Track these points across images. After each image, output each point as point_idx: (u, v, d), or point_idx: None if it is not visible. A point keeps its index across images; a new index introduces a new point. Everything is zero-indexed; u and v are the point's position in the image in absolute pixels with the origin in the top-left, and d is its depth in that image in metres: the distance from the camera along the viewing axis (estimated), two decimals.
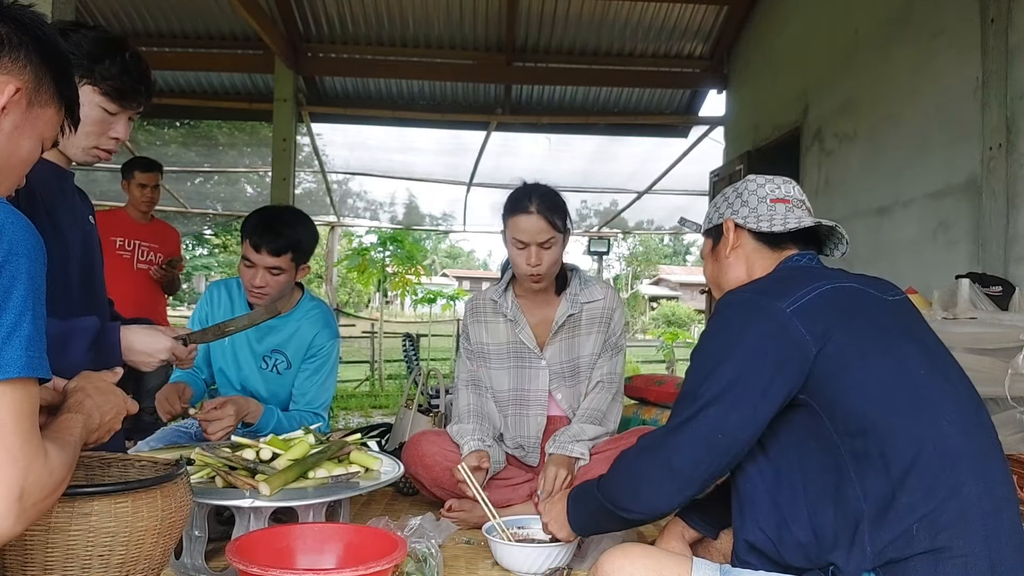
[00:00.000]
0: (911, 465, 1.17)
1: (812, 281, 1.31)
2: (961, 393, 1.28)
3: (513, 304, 2.45)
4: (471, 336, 2.50)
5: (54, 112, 1.11)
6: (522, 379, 2.43)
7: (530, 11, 6.57)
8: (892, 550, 1.16)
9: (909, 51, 4.11)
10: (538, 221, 2.24)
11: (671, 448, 1.32)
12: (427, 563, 1.65)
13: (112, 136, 1.73)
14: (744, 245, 1.51)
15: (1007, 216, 3.32)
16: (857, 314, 1.29)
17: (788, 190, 1.53)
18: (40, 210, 1.67)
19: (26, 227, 0.92)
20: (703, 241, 1.64)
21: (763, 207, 1.50)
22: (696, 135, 7.74)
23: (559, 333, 2.41)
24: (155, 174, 4.30)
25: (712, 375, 1.30)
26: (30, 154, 1.09)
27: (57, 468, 0.95)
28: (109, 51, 1.66)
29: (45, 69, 1.07)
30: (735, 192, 1.56)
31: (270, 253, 2.28)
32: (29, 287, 0.90)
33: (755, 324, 1.28)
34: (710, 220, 1.60)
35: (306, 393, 2.45)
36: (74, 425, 1.11)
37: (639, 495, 1.37)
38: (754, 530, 1.31)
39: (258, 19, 5.49)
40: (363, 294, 24.23)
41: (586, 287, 2.45)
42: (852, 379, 1.23)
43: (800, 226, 1.45)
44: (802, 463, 1.27)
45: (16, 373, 0.87)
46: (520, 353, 2.44)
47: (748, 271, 1.50)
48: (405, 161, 8.88)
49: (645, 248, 32.41)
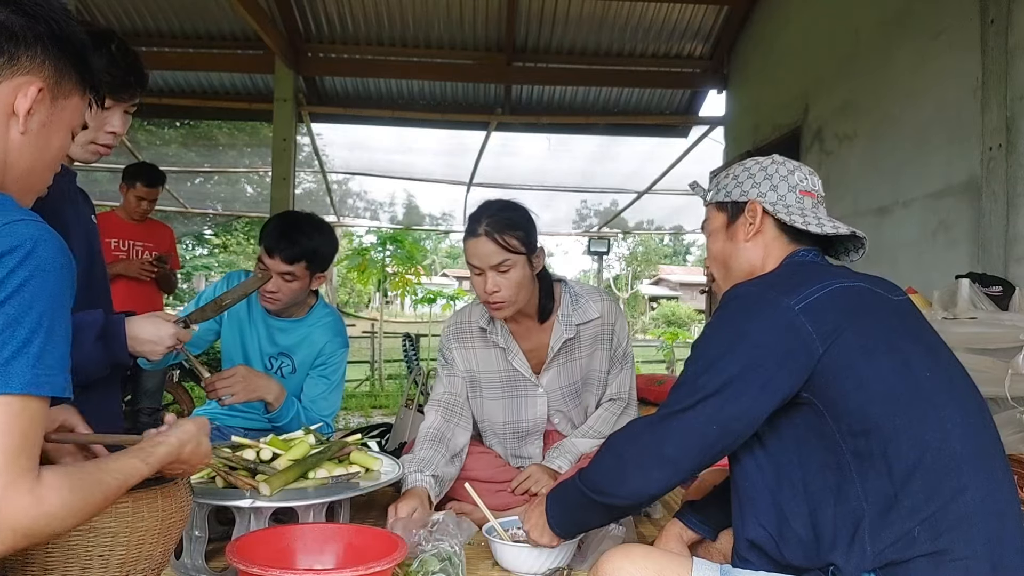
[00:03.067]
0: (914, 467, 1.17)
1: (821, 278, 1.30)
2: (965, 395, 1.27)
3: (503, 330, 2.29)
4: (458, 362, 2.33)
5: (78, 99, 1.08)
6: (517, 410, 2.32)
7: (530, 11, 6.57)
8: (893, 551, 1.16)
9: (909, 51, 4.11)
10: (486, 244, 2.06)
11: (664, 435, 1.31)
12: (451, 562, 1.61)
13: (108, 130, 1.72)
14: (766, 232, 1.44)
15: (1007, 216, 3.32)
16: (864, 314, 1.27)
17: (814, 183, 1.47)
18: (47, 210, 1.67)
19: (59, 247, 0.91)
20: (711, 212, 1.54)
21: (792, 197, 1.43)
22: (696, 135, 7.75)
23: (556, 359, 2.28)
24: (157, 189, 4.29)
25: (713, 367, 1.28)
26: (61, 148, 1.07)
27: (52, 500, 0.88)
28: (95, 44, 1.66)
29: (64, 58, 1.03)
30: (762, 171, 1.47)
31: (283, 260, 2.27)
32: (50, 306, 0.89)
33: (761, 319, 1.26)
34: (727, 192, 1.49)
35: (315, 401, 2.45)
36: (125, 469, 1.03)
37: (626, 480, 1.36)
38: (755, 527, 1.30)
39: (258, 19, 5.49)
40: (363, 294, 24.23)
41: (578, 304, 2.28)
42: (856, 379, 1.22)
43: (837, 232, 1.40)
44: (803, 461, 1.27)
45: (16, 389, 0.85)
46: (514, 381, 2.30)
47: (763, 260, 1.44)
48: (405, 161, 8.88)
49: (645, 248, 32.40)
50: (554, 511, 1.60)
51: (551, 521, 1.61)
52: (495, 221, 2.08)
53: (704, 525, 1.64)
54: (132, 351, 1.73)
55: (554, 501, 1.60)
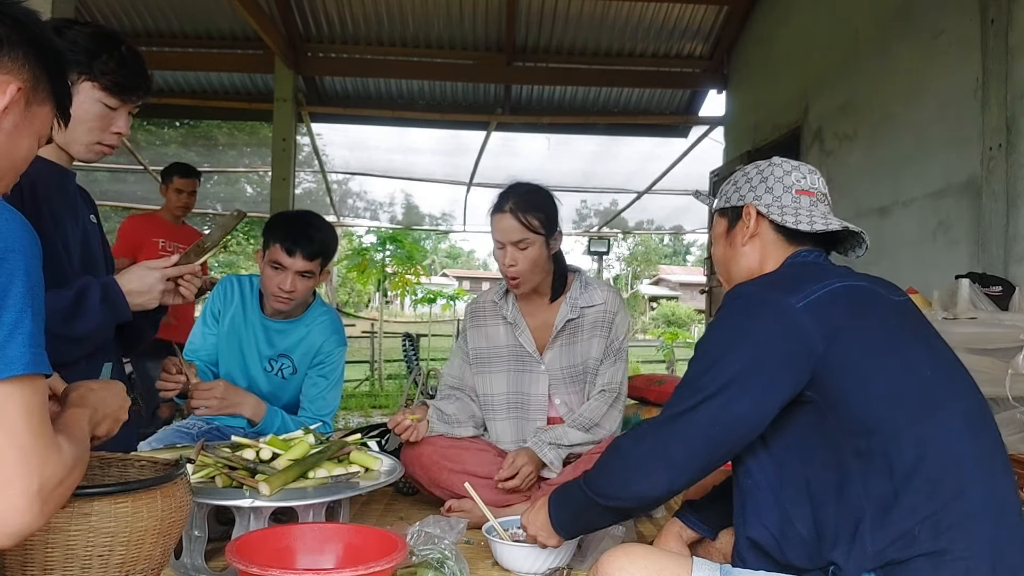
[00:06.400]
0: (915, 466, 1.17)
1: (823, 278, 1.29)
2: (967, 395, 1.27)
3: (514, 306, 2.42)
4: (469, 340, 2.48)
5: (49, 110, 1.11)
6: (521, 383, 2.40)
7: (530, 11, 6.57)
8: (893, 550, 1.16)
9: (909, 51, 4.11)
10: (511, 220, 2.22)
11: (668, 438, 1.31)
12: (445, 566, 1.60)
13: (114, 131, 1.74)
14: (763, 235, 1.45)
15: (1007, 216, 3.32)
16: (866, 313, 1.28)
17: (813, 181, 1.47)
18: (43, 210, 1.68)
19: (21, 223, 0.92)
20: (716, 219, 1.57)
21: (788, 197, 1.45)
22: (696, 135, 7.75)
23: (558, 338, 2.37)
24: (193, 180, 4.57)
25: (715, 367, 1.28)
26: (28, 152, 1.09)
27: (71, 460, 0.96)
28: (105, 46, 1.67)
29: (42, 67, 1.07)
30: (759, 175, 1.49)
31: (305, 257, 2.27)
32: (27, 284, 0.89)
33: (763, 318, 1.26)
34: (727, 198, 1.53)
35: (313, 401, 2.45)
36: (80, 419, 1.12)
37: (631, 484, 1.36)
38: (756, 526, 1.30)
39: (258, 19, 5.49)
40: (363, 294, 24.25)
41: (587, 290, 2.40)
42: (858, 378, 1.22)
43: (827, 229, 1.40)
44: (805, 460, 1.26)
45: (22, 370, 0.87)
46: (519, 356, 2.41)
47: (761, 262, 1.45)
48: (405, 161, 8.88)
49: (645, 248, 32.41)
50: (558, 513, 1.59)
51: (555, 523, 1.60)
52: (521, 201, 2.25)
53: (704, 524, 1.64)
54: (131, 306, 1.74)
55: (557, 503, 1.60)
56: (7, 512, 0.86)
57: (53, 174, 1.73)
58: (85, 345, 1.70)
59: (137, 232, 4.46)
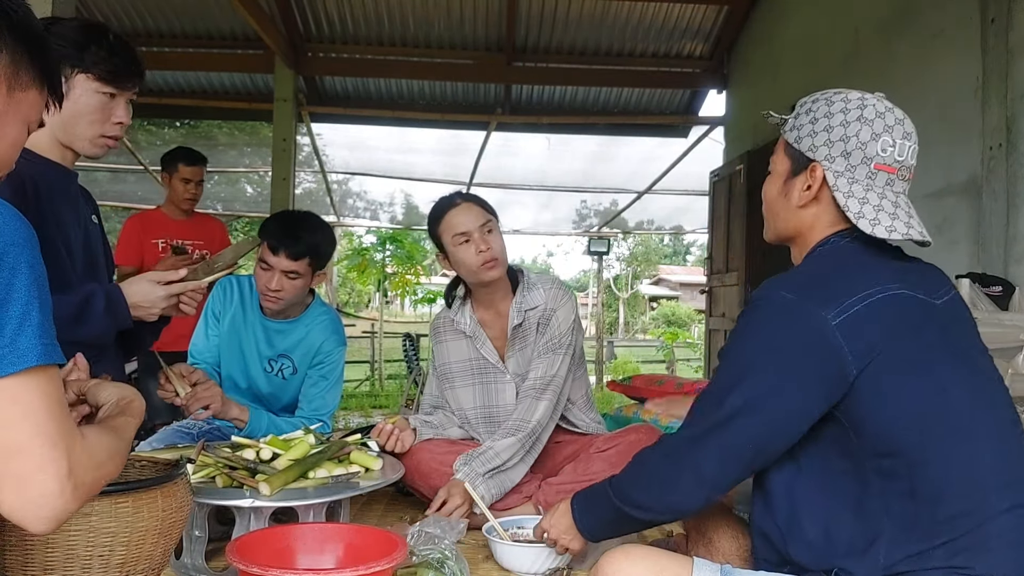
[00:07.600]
0: (940, 494, 1.14)
1: (862, 285, 1.20)
2: (1003, 419, 1.22)
3: (471, 319, 2.40)
4: (436, 358, 2.49)
5: (36, 93, 1.06)
6: (488, 395, 2.39)
7: (530, 11, 6.57)
8: (905, 564, 1.15)
9: (909, 51, 4.11)
10: (471, 207, 2.29)
11: (700, 456, 1.28)
12: (445, 566, 1.59)
13: (115, 121, 1.74)
14: (821, 200, 1.31)
15: (1007, 216, 3.32)
16: (904, 333, 1.20)
17: (902, 151, 1.26)
18: (46, 210, 1.68)
19: (16, 216, 0.91)
20: (780, 149, 1.38)
21: (863, 170, 1.26)
22: (696, 135, 7.74)
23: (514, 344, 2.37)
24: (200, 167, 4.02)
25: (743, 383, 1.24)
26: (16, 140, 1.06)
27: (96, 451, 0.97)
28: (93, 36, 1.68)
29: (22, 50, 1.01)
30: (842, 126, 1.27)
31: (289, 257, 2.27)
32: (31, 276, 0.89)
33: (795, 334, 1.20)
34: (798, 136, 1.32)
35: (312, 400, 2.45)
36: (128, 428, 1.12)
37: (664, 498, 1.35)
38: (765, 518, 1.30)
39: (258, 19, 5.49)
40: (363, 294, 24.23)
41: (530, 292, 2.36)
42: (887, 402, 1.17)
43: (887, 238, 1.26)
44: (824, 466, 1.25)
45: (36, 361, 0.87)
46: (484, 369, 2.40)
47: (809, 231, 1.33)
48: (405, 161, 8.87)
49: (645, 248, 32.35)
50: (586, 521, 1.56)
51: (583, 528, 1.57)
52: (468, 196, 2.38)
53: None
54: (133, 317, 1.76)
55: (583, 509, 1.56)
56: (42, 498, 0.87)
57: (56, 175, 1.74)
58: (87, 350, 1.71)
59: (136, 235, 4.00)
